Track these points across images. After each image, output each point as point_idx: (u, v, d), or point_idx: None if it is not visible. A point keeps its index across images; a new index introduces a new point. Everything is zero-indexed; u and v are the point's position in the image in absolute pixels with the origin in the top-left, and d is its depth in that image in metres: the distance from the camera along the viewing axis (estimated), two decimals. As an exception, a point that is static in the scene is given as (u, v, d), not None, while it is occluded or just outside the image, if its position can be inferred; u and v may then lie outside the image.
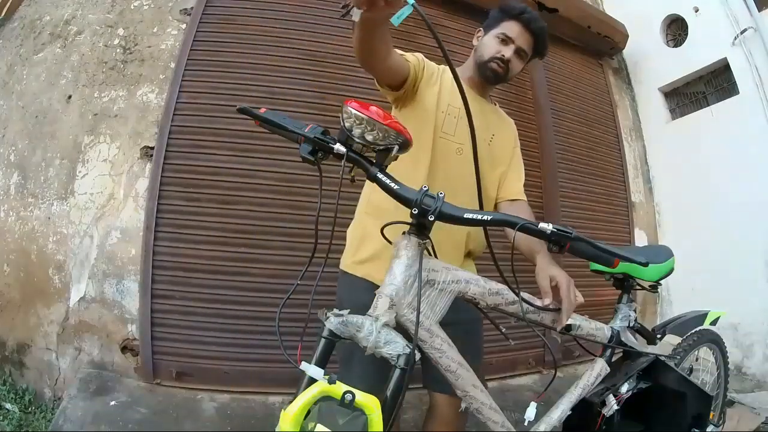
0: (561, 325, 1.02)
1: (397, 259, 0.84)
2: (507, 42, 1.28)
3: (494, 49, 1.28)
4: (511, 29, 1.27)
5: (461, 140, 1.25)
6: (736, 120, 3.09)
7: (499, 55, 1.27)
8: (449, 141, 1.25)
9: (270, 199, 2.31)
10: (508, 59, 1.27)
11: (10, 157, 2.43)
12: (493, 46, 1.28)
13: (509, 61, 1.28)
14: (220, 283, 2.20)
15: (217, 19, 2.49)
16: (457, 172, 1.23)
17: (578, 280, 1.10)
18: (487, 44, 1.30)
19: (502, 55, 1.27)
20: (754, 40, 3.01)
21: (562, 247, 0.82)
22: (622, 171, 3.55)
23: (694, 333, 1.54)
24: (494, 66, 1.28)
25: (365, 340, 0.76)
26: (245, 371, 2.18)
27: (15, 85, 2.57)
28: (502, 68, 1.28)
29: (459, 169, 1.23)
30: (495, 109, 1.41)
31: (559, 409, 1.10)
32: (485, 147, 1.28)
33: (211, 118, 2.33)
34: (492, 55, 1.28)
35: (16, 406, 2.06)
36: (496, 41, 1.29)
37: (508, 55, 1.27)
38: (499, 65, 1.28)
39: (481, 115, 1.26)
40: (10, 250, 2.33)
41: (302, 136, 0.80)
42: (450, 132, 1.25)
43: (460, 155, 1.25)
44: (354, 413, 0.68)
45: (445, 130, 1.25)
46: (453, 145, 1.25)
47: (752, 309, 2.83)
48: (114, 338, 2.14)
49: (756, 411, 2.28)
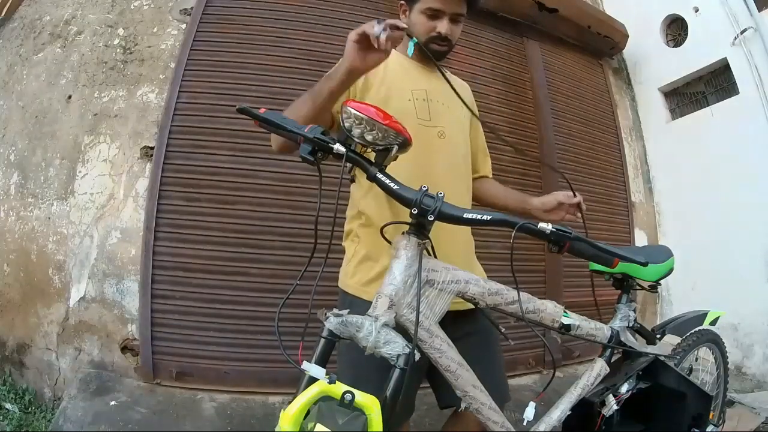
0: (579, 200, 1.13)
1: (397, 259, 0.84)
2: (437, 16, 1.13)
3: (426, 27, 1.14)
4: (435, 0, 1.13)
5: (439, 123, 1.16)
6: (736, 120, 3.09)
7: (434, 34, 1.14)
8: (428, 127, 1.14)
9: (270, 199, 2.31)
10: (446, 34, 1.14)
11: (10, 157, 2.43)
12: (425, 24, 1.14)
13: (448, 35, 1.15)
14: (220, 283, 2.20)
15: (217, 19, 2.49)
16: (443, 159, 1.15)
17: (578, 280, 1.10)
18: (418, 23, 1.15)
19: (438, 33, 1.14)
20: (754, 40, 3.01)
21: (561, 247, 0.83)
22: (622, 171, 3.55)
23: (694, 333, 1.54)
24: (436, 47, 1.15)
25: (365, 340, 0.76)
26: (245, 371, 2.18)
27: (15, 85, 2.57)
28: (444, 46, 1.16)
29: (444, 154, 1.16)
30: (454, 78, 1.28)
31: (558, 409, 1.09)
32: (460, 119, 1.22)
33: (211, 118, 2.33)
34: (428, 35, 1.14)
35: (16, 406, 2.06)
36: (425, 18, 1.14)
37: (445, 31, 1.13)
38: (439, 44, 1.15)
39: (443, 89, 1.16)
40: (10, 250, 2.33)
41: (302, 136, 0.80)
42: (425, 118, 1.15)
43: (442, 139, 1.16)
44: (354, 413, 0.68)
45: (421, 117, 1.14)
46: (433, 131, 1.15)
47: (752, 309, 2.83)
48: (114, 338, 2.15)
49: (756, 411, 2.28)
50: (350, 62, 0.92)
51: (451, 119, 1.19)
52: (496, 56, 3.09)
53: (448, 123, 1.18)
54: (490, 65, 3.02)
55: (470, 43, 2.92)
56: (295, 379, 0.75)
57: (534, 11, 3.10)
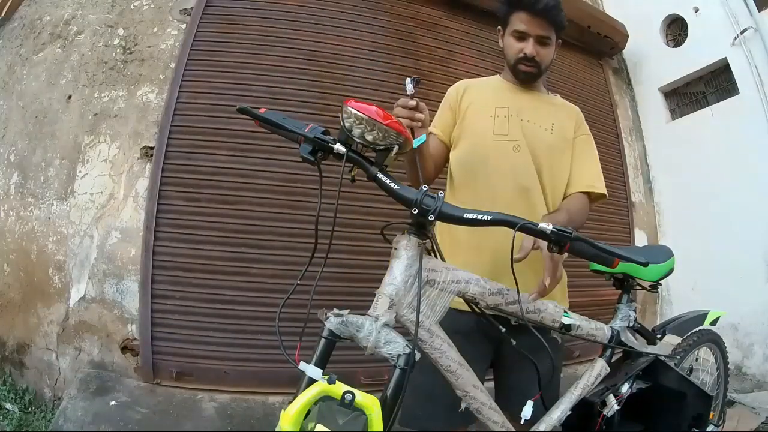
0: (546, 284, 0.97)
1: (397, 259, 0.84)
2: (523, 37, 1.23)
3: (515, 49, 1.25)
4: (521, 22, 1.22)
5: (517, 137, 1.23)
6: (736, 120, 3.09)
7: (521, 55, 1.23)
8: (504, 141, 1.23)
9: (270, 199, 2.31)
10: (532, 55, 1.22)
11: (10, 157, 2.43)
12: (513, 47, 1.25)
13: (534, 56, 1.23)
14: (220, 283, 2.20)
15: (217, 19, 2.49)
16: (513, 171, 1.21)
17: (578, 280, 1.10)
18: (508, 46, 1.27)
19: (524, 54, 1.23)
20: (754, 40, 3.01)
21: (562, 247, 0.82)
22: (622, 171, 3.55)
23: (694, 333, 1.54)
24: (523, 68, 1.25)
25: (365, 340, 0.76)
26: (245, 371, 2.17)
27: (15, 85, 2.57)
28: (531, 67, 1.24)
29: (517, 166, 1.22)
30: (552, 98, 1.36)
31: (559, 409, 1.09)
32: (547, 137, 1.26)
33: (211, 118, 2.33)
34: (516, 57, 1.25)
35: (16, 406, 2.06)
36: (513, 40, 1.25)
37: (529, 51, 1.22)
38: (526, 65, 1.24)
39: (533, 107, 1.27)
40: (10, 250, 2.33)
41: (302, 136, 0.80)
42: (503, 132, 1.24)
43: (517, 152, 1.22)
44: (354, 413, 0.68)
45: (498, 132, 1.24)
46: (509, 144, 1.23)
47: (752, 309, 2.83)
48: (114, 338, 2.14)
49: (756, 411, 2.28)
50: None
51: (534, 134, 1.24)
52: (497, 56, 3.08)
53: (528, 137, 1.23)
54: (491, 65, 3.01)
55: (471, 44, 2.93)
56: (295, 379, 0.75)
57: (534, 11, 3.10)
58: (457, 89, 1.35)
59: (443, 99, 1.35)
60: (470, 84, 1.36)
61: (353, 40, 2.62)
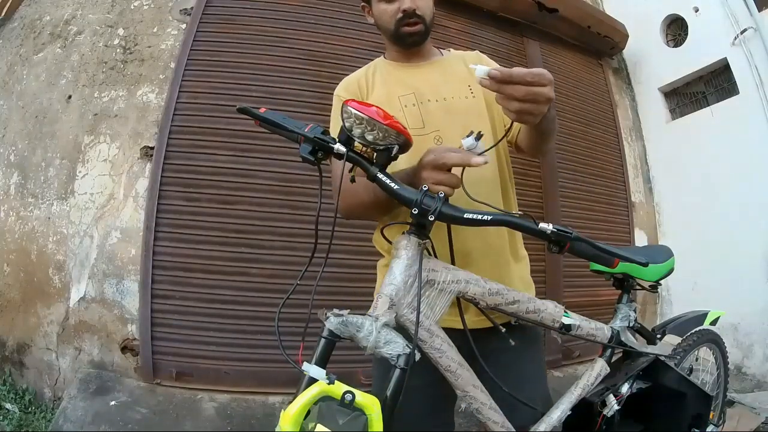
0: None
1: (397, 259, 0.84)
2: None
3: (390, 12, 1.04)
4: None
5: (435, 127, 1.02)
6: (736, 120, 3.09)
7: (400, 15, 1.03)
8: (422, 136, 1.01)
9: (270, 199, 2.31)
10: (413, 8, 1.02)
11: (10, 157, 2.43)
12: (387, 10, 1.05)
13: (415, 10, 1.03)
14: (220, 283, 2.21)
15: (217, 19, 2.50)
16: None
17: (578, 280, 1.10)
18: (381, 13, 1.06)
19: (404, 11, 1.02)
20: (754, 40, 3.01)
21: (562, 247, 0.82)
22: (622, 171, 3.55)
23: (694, 333, 1.54)
24: (407, 29, 1.04)
25: (365, 340, 0.76)
26: (245, 371, 2.18)
27: (15, 85, 2.57)
28: (416, 24, 1.04)
29: None
30: (450, 58, 1.15)
31: (559, 409, 1.09)
32: (470, 103, 1.06)
33: (211, 118, 2.33)
34: (395, 19, 1.04)
35: (16, 406, 2.06)
36: (384, 3, 1.05)
37: (407, 5, 1.02)
38: (410, 25, 1.04)
39: (438, 80, 1.08)
40: (10, 250, 2.33)
41: (302, 136, 0.79)
42: (418, 126, 1.02)
43: (440, 144, 1.01)
44: (354, 413, 0.68)
45: (414, 127, 1.01)
46: (428, 138, 1.02)
47: (752, 309, 2.83)
48: (114, 338, 2.15)
49: (756, 411, 2.28)
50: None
51: (450, 116, 1.04)
52: (497, 56, 3.06)
53: (445, 123, 1.03)
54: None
55: (470, 44, 2.92)
56: (295, 379, 0.75)
57: (534, 11, 3.11)
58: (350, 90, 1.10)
59: (335, 106, 1.09)
60: (360, 79, 1.12)
61: (353, 40, 2.62)
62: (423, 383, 0.92)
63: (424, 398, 1.01)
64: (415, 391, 0.86)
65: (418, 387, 0.86)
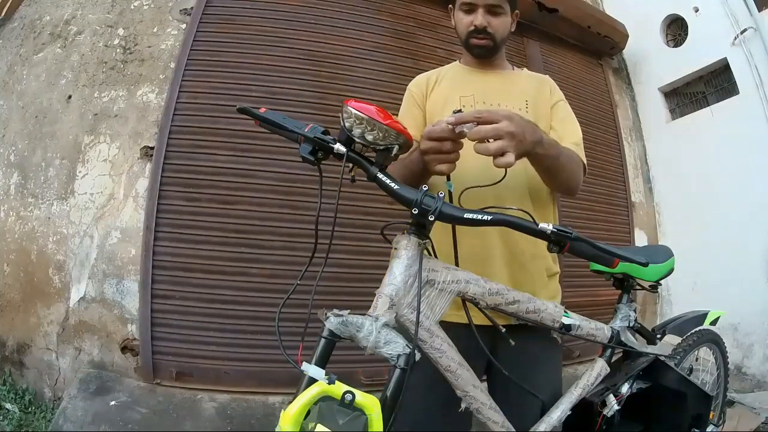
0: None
1: (397, 259, 0.84)
2: (472, 9, 1.13)
3: (465, 23, 1.15)
4: None
5: None
6: (736, 120, 3.09)
7: (471, 28, 1.14)
8: None
9: (270, 199, 2.31)
10: (483, 26, 1.12)
11: (10, 157, 2.43)
12: (463, 20, 1.16)
13: (486, 27, 1.13)
14: (220, 283, 2.20)
15: (217, 19, 2.49)
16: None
17: (578, 280, 1.10)
18: (458, 21, 1.18)
19: (474, 26, 1.13)
20: (754, 40, 3.01)
21: (562, 247, 0.82)
22: (622, 171, 3.55)
23: (694, 333, 1.54)
24: (475, 41, 1.15)
25: (365, 340, 0.76)
26: (245, 371, 2.17)
27: (15, 85, 2.57)
28: (484, 39, 1.15)
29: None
30: (519, 74, 1.28)
31: (559, 409, 1.09)
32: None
33: (211, 118, 2.33)
34: (466, 30, 1.15)
35: (16, 406, 2.06)
36: (462, 14, 1.16)
37: (479, 22, 1.12)
38: (478, 38, 1.15)
39: (501, 89, 1.18)
40: (10, 250, 2.33)
41: (302, 136, 0.79)
42: None
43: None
44: (354, 413, 0.68)
45: None
46: None
47: (752, 309, 2.83)
48: (114, 338, 2.15)
49: (756, 411, 2.28)
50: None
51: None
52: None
53: None
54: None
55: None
56: (295, 379, 0.75)
57: (534, 11, 3.10)
58: (419, 84, 1.24)
59: (405, 98, 1.24)
60: (430, 76, 1.26)
61: (353, 40, 2.62)
62: (432, 381, 0.93)
63: (434, 395, 1.00)
64: (424, 388, 0.90)
65: (426, 384, 0.89)
